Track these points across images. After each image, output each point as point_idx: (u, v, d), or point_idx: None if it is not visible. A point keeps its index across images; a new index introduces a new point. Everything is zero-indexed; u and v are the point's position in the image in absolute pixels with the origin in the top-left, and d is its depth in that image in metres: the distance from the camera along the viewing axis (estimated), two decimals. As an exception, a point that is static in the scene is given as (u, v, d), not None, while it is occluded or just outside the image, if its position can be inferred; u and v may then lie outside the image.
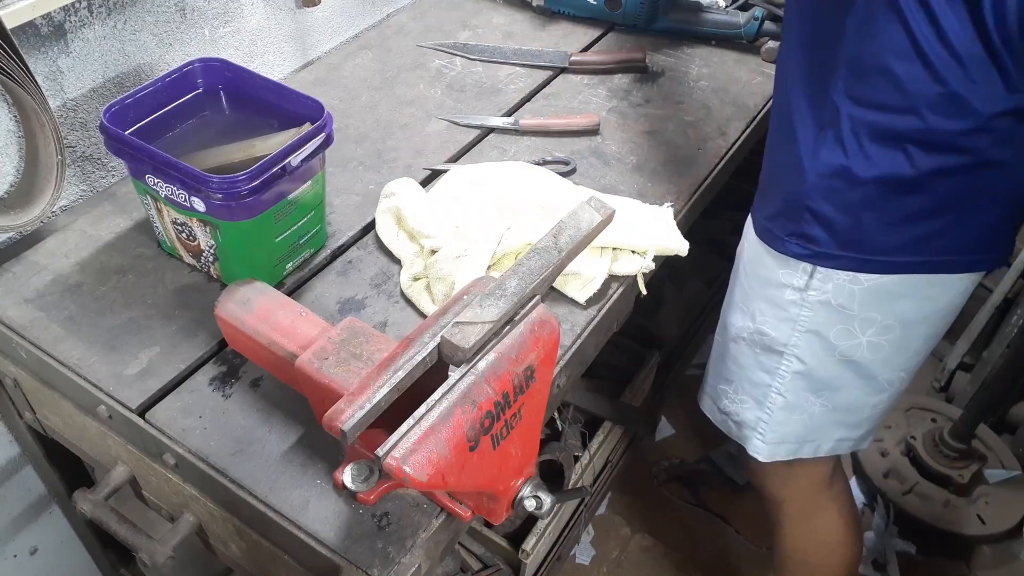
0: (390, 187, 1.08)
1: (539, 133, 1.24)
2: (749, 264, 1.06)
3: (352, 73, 1.35)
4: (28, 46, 0.98)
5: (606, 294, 1.00)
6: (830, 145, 0.90)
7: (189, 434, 0.83)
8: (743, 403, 1.14)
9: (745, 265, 1.07)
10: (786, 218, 0.97)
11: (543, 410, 0.77)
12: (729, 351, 1.13)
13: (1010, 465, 1.91)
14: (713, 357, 1.20)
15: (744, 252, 1.08)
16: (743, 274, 1.08)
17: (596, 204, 0.77)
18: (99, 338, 0.91)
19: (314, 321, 0.82)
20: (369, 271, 1.02)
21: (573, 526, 1.57)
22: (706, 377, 1.23)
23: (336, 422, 0.63)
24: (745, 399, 1.13)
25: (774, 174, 1.00)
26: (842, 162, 0.89)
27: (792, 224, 0.96)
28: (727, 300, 1.14)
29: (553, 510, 0.96)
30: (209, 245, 0.94)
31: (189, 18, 1.17)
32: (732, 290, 1.12)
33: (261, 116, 0.99)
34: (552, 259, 0.73)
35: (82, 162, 1.12)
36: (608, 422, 1.58)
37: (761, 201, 1.03)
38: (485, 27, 1.48)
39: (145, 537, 0.84)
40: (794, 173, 0.94)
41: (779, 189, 0.98)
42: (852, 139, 0.88)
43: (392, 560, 0.73)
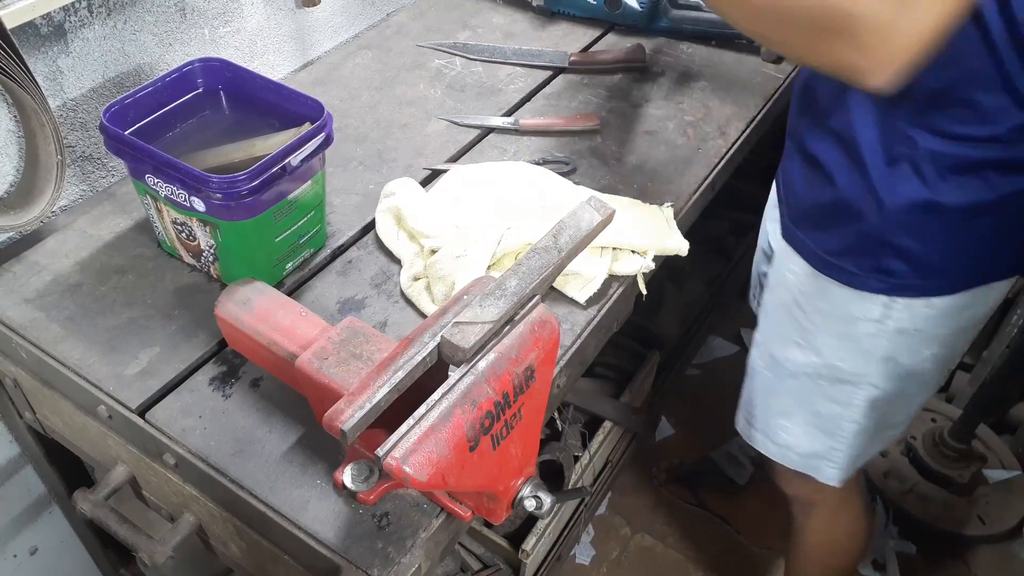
0: (390, 187, 1.08)
1: (539, 133, 1.24)
2: (806, 299, 1.02)
3: (352, 73, 1.35)
4: (28, 46, 0.98)
5: (606, 294, 1.00)
6: (907, 178, 0.86)
7: (189, 434, 0.83)
8: (809, 435, 1.11)
9: (799, 300, 1.03)
10: (860, 254, 0.94)
11: (543, 410, 0.77)
12: (785, 387, 1.10)
13: (1010, 465, 1.91)
14: (758, 391, 1.16)
15: (793, 285, 1.03)
16: (797, 309, 1.03)
17: (596, 204, 0.77)
18: (99, 338, 0.91)
19: (314, 321, 0.82)
20: (369, 271, 1.02)
21: (573, 526, 1.57)
22: (752, 412, 1.18)
23: (336, 422, 0.63)
24: (811, 431, 1.10)
25: (836, 208, 0.94)
26: (924, 195, 0.86)
27: (868, 260, 0.94)
28: (773, 335, 1.09)
29: (553, 510, 0.96)
30: (209, 245, 0.94)
31: (189, 18, 1.17)
32: (780, 324, 1.07)
33: (261, 116, 0.99)
34: (552, 259, 0.73)
35: (82, 162, 1.12)
36: (608, 422, 1.58)
37: (816, 235, 0.98)
38: (485, 27, 1.48)
39: (145, 537, 0.84)
40: (866, 208, 0.90)
41: (847, 224, 0.94)
42: (931, 171, 0.85)
43: (392, 560, 0.73)
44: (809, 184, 0.97)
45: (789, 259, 1.03)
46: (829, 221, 0.96)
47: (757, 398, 1.16)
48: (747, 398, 1.19)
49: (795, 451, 1.14)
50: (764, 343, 1.12)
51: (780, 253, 1.05)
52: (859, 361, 1.02)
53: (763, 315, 1.13)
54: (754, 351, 1.15)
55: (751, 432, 1.20)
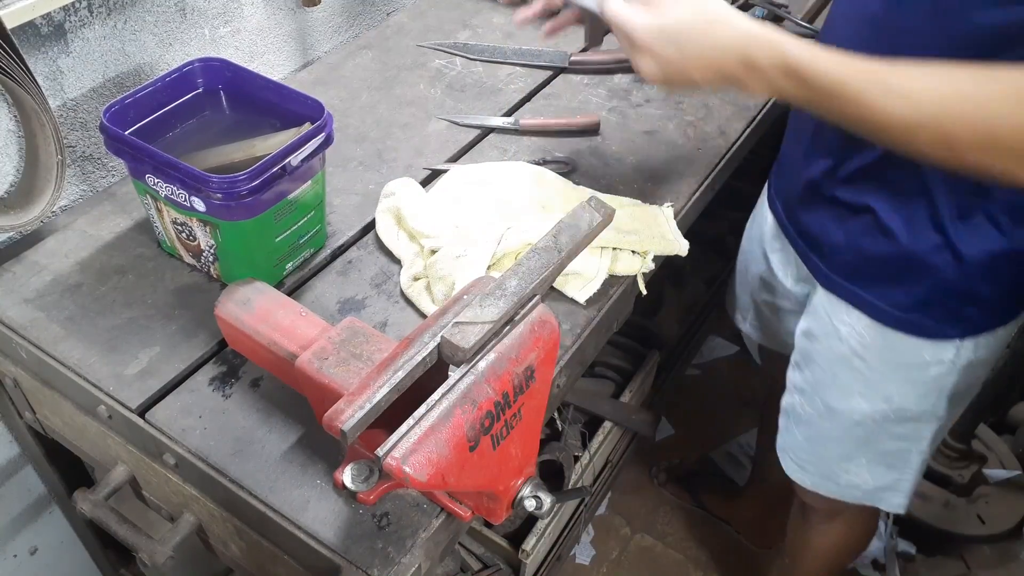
0: (390, 187, 1.08)
1: (539, 133, 1.24)
2: (869, 352, 1.00)
3: (352, 73, 1.35)
4: (28, 46, 0.98)
5: (606, 294, 1.00)
6: (984, 230, 0.86)
7: (189, 434, 0.83)
8: (874, 472, 1.10)
9: (859, 352, 1.01)
10: (934, 306, 0.93)
11: (543, 410, 0.77)
12: (848, 434, 1.08)
13: (1010, 465, 1.91)
14: (813, 439, 1.13)
15: (850, 338, 1.01)
16: (858, 360, 1.01)
17: (596, 204, 0.77)
18: (99, 338, 0.91)
19: (314, 321, 0.82)
20: (369, 271, 1.02)
21: (573, 526, 1.57)
22: (804, 458, 1.15)
23: (336, 422, 0.63)
24: (876, 468, 1.09)
25: (902, 264, 0.92)
26: (1002, 245, 0.86)
27: (943, 310, 0.93)
28: (828, 386, 1.07)
29: (553, 510, 0.96)
30: (209, 245, 0.94)
31: (189, 18, 1.17)
32: (836, 376, 1.05)
33: (261, 116, 0.99)
34: (552, 259, 0.73)
35: (82, 162, 1.12)
36: (608, 422, 1.58)
37: (878, 290, 0.96)
38: (485, 27, 1.48)
39: (145, 537, 0.84)
40: (941, 263, 0.89)
41: (917, 279, 0.92)
42: (1007, 220, 0.85)
43: (392, 560, 0.73)
44: (856, 237, 0.95)
45: (840, 311, 1.00)
46: (894, 276, 0.94)
47: (812, 446, 1.13)
48: (795, 444, 1.15)
49: (860, 489, 1.12)
50: (814, 392, 1.08)
51: (823, 305, 1.03)
52: (930, 400, 1.01)
53: (805, 364, 1.09)
54: (797, 397, 1.11)
55: (804, 476, 1.16)
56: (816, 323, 1.05)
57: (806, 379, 1.09)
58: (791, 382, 1.14)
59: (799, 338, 1.11)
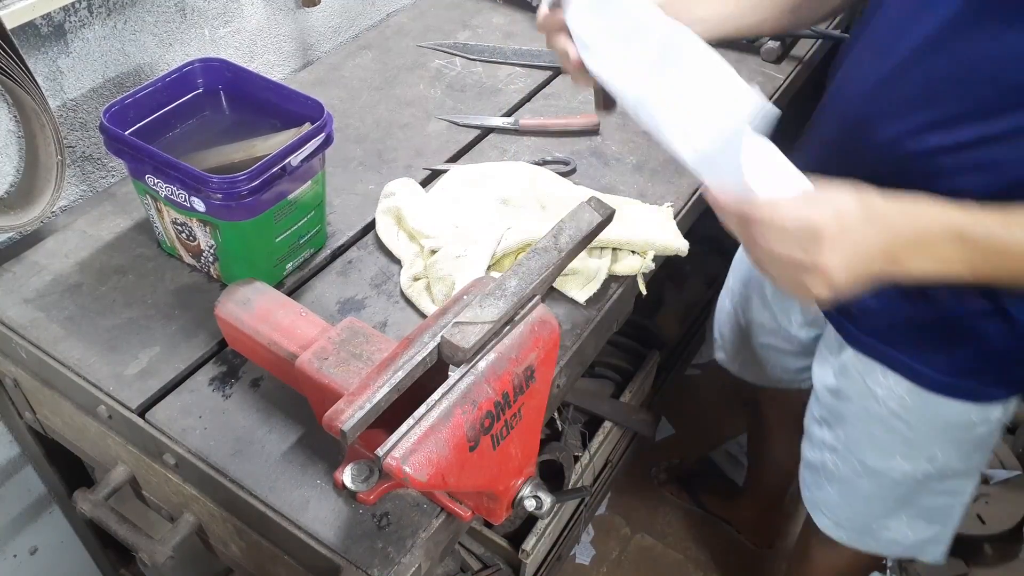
0: (390, 187, 1.08)
1: (539, 133, 1.24)
2: (911, 415, 0.97)
3: (352, 73, 1.35)
4: (28, 46, 0.98)
5: (606, 294, 1.00)
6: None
7: (189, 434, 0.83)
8: (916, 528, 1.08)
9: (900, 415, 0.97)
10: (983, 373, 0.91)
11: (543, 410, 0.77)
12: (891, 493, 1.05)
13: (1010, 465, 1.90)
14: (852, 498, 1.09)
15: (888, 400, 0.97)
16: (899, 422, 0.98)
17: (596, 204, 0.77)
18: (99, 338, 0.91)
19: (314, 321, 0.82)
20: (369, 271, 1.02)
21: (573, 526, 1.57)
22: (841, 515, 1.12)
23: (336, 422, 0.63)
24: (918, 523, 1.08)
25: (947, 330, 0.89)
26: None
27: (994, 375, 0.91)
28: (865, 446, 1.03)
29: (553, 510, 0.96)
30: (209, 245, 0.94)
31: (189, 18, 1.17)
32: (874, 436, 1.01)
33: (261, 116, 0.99)
34: (552, 259, 0.73)
35: (82, 162, 1.12)
36: (608, 422, 1.58)
37: (920, 354, 0.93)
38: (485, 27, 1.48)
39: (145, 537, 0.84)
40: (992, 329, 0.87)
41: (964, 345, 0.90)
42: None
43: (392, 560, 0.73)
44: (890, 300, 0.91)
45: (875, 372, 0.97)
46: (936, 341, 0.91)
47: (849, 504, 1.10)
48: (830, 501, 1.12)
49: (900, 544, 1.10)
50: (848, 452, 1.05)
51: (854, 365, 0.99)
52: (975, 457, 1.00)
53: (836, 422, 1.06)
54: (828, 455, 1.08)
55: (841, 533, 1.14)
56: (847, 383, 1.01)
57: (838, 438, 1.06)
58: (816, 437, 1.10)
59: (823, 393, 1.07)
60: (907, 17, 0.80)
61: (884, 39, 0.83)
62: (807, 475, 1.15)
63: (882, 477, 1.04)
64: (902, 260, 0.68)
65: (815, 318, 1.10)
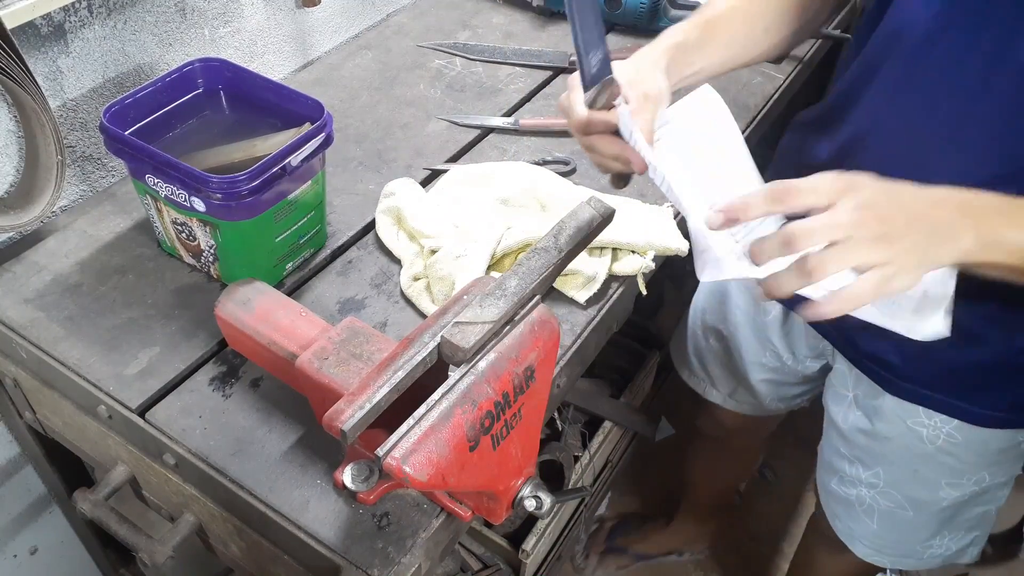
0: (390, 187, 1.08)
1: (539, 133, 1.24)
2: (961, 450, 0.96)
3: (352, 73, 1.35)
4: (28, 46, 0.98)
5: (606, 294, 1.00)
6: None
7: (189, 434, 0.83)
8: (956, 539, 1.08)
9: (947, 450, 0.96)
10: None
11: (543, 410, 0.77)
12: (935, 518, 1.05)
13: (1010, 465, 1.90)
14: (897, 528, 1.08)
15: (934, 440, 0.96)
16: (947, 456, 0.97)
17: (596, 204, 0.77)
18: (99, 338, 0.91)
19: (314, 321, 0.82)
20: (369, 271, 1.02)
21: (573, 526, 1.57)
22: (884, 544, 1.11)
23: (336, 422, 0.63)
24: (958, 534, 1.07)
25: (995, 370, 0.88)
26: None
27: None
28: (909, 482, 1.02)
29: (553, 510, 0.96)
30: (209, 245, 0.94)
31: (189, 18, 1.17)
32: (918, 471, 1.00)
33: (261, 116, 0.99)
34: (552, 259, 0.73)
35: (82, 162, 1.12)
36: (608, 422, 1.58)
37: (971, 395, 0.91)
38: (485, 27, 1.48)
39: (145, 537, 0.84)
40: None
41: (1015, 384, 0.88)
42: None
43: (392, 560, 0.73)
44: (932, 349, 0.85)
45: (917, 414, 0.96)
46: (988, 383, 0.89)
47: (892, 534, 1.09)
48: (870, 533, 1.10)
49: (942, 556, 1.10)
50: (890, 488, 1.04)
51: (892, 409, 0.97)
52: (1016, 467, 1.00)
53: (872, 461, 1.04)
54: (866, 491, 1.07)
55: (883, 558, 1.13)
56: (886, 426, 0.99)
57: (876, 476, 1.04)
58: (849, 474, 1.08)
59: (853, 434, 1.04)
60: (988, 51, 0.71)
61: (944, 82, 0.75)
62: (839, 509, 1.13)
63: (929, 507, 1.03)
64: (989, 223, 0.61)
65: (822, 350, 1.09)
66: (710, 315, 1.21)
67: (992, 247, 0.61)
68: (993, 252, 0.62)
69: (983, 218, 0.61)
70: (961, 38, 0.73)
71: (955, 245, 0.61)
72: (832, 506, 1.14)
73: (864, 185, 0.60)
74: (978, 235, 0.61)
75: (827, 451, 1.12)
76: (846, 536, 1.14)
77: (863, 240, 0.58)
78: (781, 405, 1.25)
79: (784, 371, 1.16)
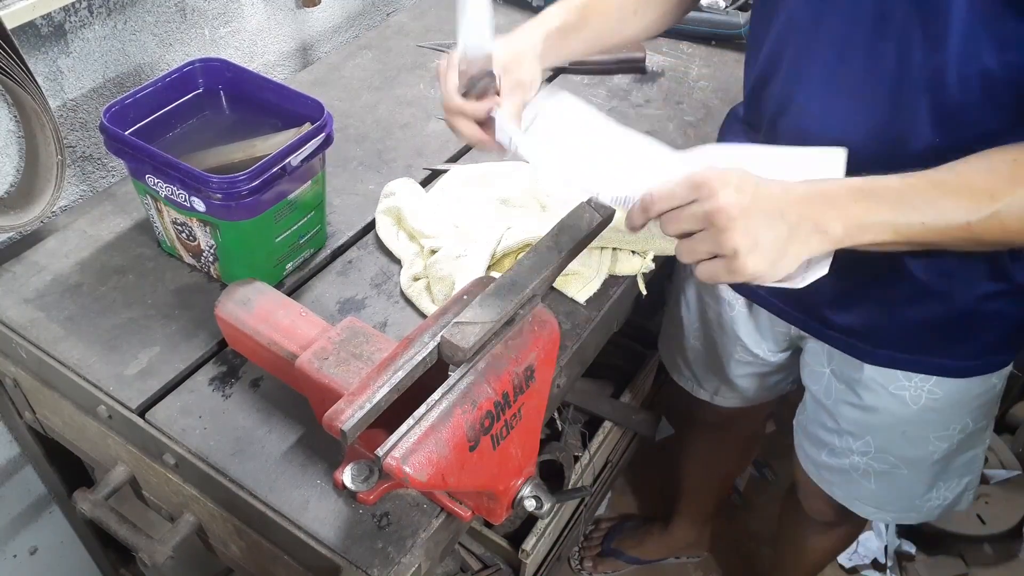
0: (390, 187, 1.08)
1: (539, 133, 1.24)
2: (943, 403, 0.98)
3: (352, 73, 1.35)
4: (28, 46, 0.98)
5: (606, 294, 1.00)
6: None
7: (189, 434, 0.83)
8: (950, 486, 1.09)
9: (932, 407, 0.98)
10: (1005, 343, 0.93)
11: (543, 410, 0.77)
12: (929, 471, 1.06)
13: (1010, 465, 1.90)
14: (893, 487, 1.10)
15: (916, 400, 0.98)
16: (931, 414, 0.99)
17: (596, 204, 0.77)
18: (99, 338, 0.91)
19: (314, 321, 0.82)
20: (369, 271, 1.02)
21: (573, 526, 1.57)
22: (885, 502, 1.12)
23: (336, 422, 0.63)
24: (952, 482, 1.09)
25: (965, 319, 0.90)
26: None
27: (1015, 342, 0.93)
28: (898, 443, 1.03)
29: (553, 510, 0.96)
30: (209, 245, 0.94)
31: (189, 18, 1.17)
32: (907, 433, 1.02)
33: (261, 116, 0.99)
34: (552, 259, 0.73)
35: (82, 162, 1.12)
36: (608, 422, 1.58)
37: (943, 349, 0.93)
38: (485, 27, 1.48)
39: (145, 537, 0.84)
40: (1005, 305, 0.88)
41: (983, 328, 0.91)
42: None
43: (392, 560, 0.73)
44: (897, 307, 0.91)
45: (897, 378, 0.98)
46: (957, 334, 0.92)
47: (890, 492, 1.11)
48: (869, 493, 1.12)
49: (941, 507, 1.12)
50: (882, 452, 1.06)
51: (873, 380, 0.99)
52: (994, 409, 1.02)
53: (861, 432, 1.05)
54: (859, 459, 1.08)
55: (886, 515, 1.15)
56: (870, 396, 1.01)
57: (867, 444, 1.06)
58: (836, 446, 1.09)
59: (837, 407, 1.06)
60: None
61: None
62: (835, 478, 1.14)
63: (921, 462, 1.05)
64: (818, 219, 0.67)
65: (790, 340, 1.10)
66: (688, 315, 1.22)
67: (859, 231, 0.68)
68: (862, 235, 0.68)
69: (845, 207, 0.68)
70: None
71: (824, 236, 0.67)
72: (827, 476, 1.15)
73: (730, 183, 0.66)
74: (845, 225, 0.67)
75: (812, 426, 1.13)
76: (846, 500, 1.16)
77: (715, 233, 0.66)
78: (766, 394, 1.26)
79: (759, 363, 1.17)
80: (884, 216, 0.68)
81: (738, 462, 1.60)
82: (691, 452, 1.61)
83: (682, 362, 1.32)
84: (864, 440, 1.06)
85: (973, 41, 0.70)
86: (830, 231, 0.67)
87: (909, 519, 1.14)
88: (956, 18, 0.70)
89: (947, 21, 0.70)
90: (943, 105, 0.75)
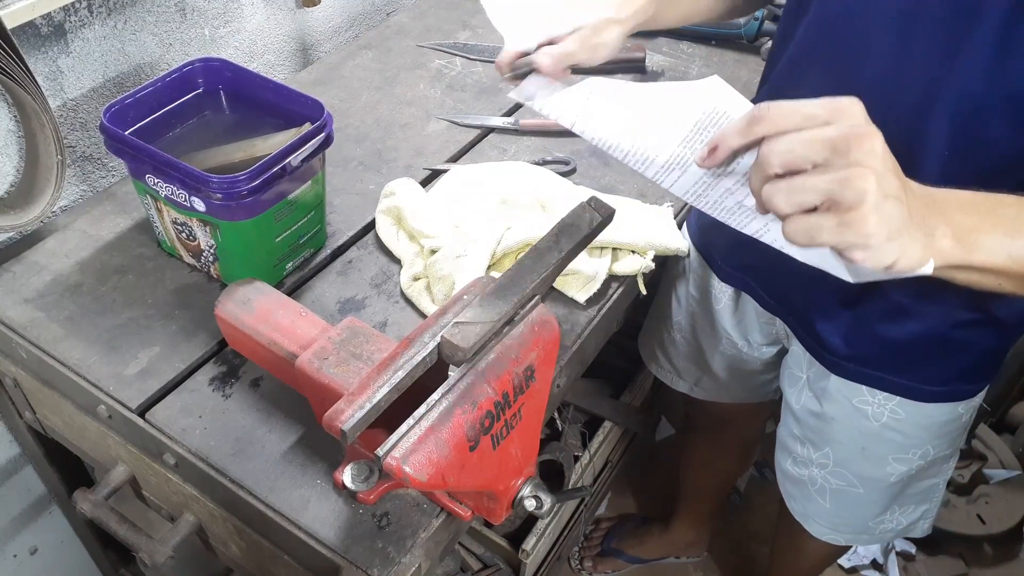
0: (390, 187, 1.08)
1: (539, 133, 1.24)
2: (906, 425, 0.98)
3: (352, 73, 1.35)
4: (28, 46, 0.98)
5: (606, 294, 1.00)
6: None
7: (189, 434, 0.83)
8: (906, 512, 1.10)
9: (892, 426, 0.98)
10: (974, 371, 0.93)
11: (543, 410, 0.77)
12: (885, 494, 1.07)
13: (1010, 465, 1.90)
14: (847, 506, 1.10)
15: (878, 416, 0.98)
16: (892, 432, 0.99)
17: (596, 204, 0.77)
18: (99, 338, 0.91)
19: (314, 321, 0.82)
20: (369, 271, 1.02)
21: (573, 526, 1.57)
22: (839, 522, 1.13)
23: (336, 422, 0.63)
24: (908, 508, 1.09)
25: (936, 343, 0.90)
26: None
27: (984, 371, 0.94)
28: (856, 459, 1.04)
29: (553, 510, 0.96)
30: (209, 245, 0.94)
31: (189, 18, 1.17)
32: (867, 449, 1.01)
33: (261, 116, 0.99)
34: (552, 259, 0.73)
35: (82, 162, 1.12)
36: (608, 422, 1.58)
37: (912, 370, 0.93)
38: (485, 27, 1.48)
39: (145, 537, 0.84)
40: (979, 334, 0.88)
41: (954, 354, 0.91)
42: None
43: (392, 560, 0.73)
44: (873, 325, 0.92)
45: (861, 393, 0.98)
46: (928, 357, 0.91)
47: (845, 511, 1.11)
48: (824, 512, 1.12)
49: (894, 531, 1.12)
50: (840, 467, 1.06)
51: (838, 389, 0.99)
52: (959, 440, 1.02)
53: (821, 442, 1.06)
54: (817, 471, 1.08)
55: (838, 536, 1.15)
56: (833, 406, 1.01)
57: (826, 456, 1.06)
58: (801, 455, 1.10)
59: (803, 414, 1.06)
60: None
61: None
62: (793, 489, 1.15)
63: (878, 483, 1.05)
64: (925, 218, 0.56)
65: (776, 335, 1.10)
66: (678, 309, 1.23)
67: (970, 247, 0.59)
68: (972, 254, 0.59)
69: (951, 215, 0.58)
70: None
71: (930, 241, 0.56)
72: (788, 487, 1.16)
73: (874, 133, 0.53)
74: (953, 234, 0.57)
75: (782, 432, 1.14)
76: (801, 516, 1.16)
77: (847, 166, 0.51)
78: (748, 394, 1.26)
79: (742, 358, 1.17)
80: (998, 237, 0.59)
81: (738, 464, 1.60)
82: (691, 454, 1.61)
83: (661, 354, 1.32)
84: (824, 452, 1.06)
85: (1001, 63, 0.68)
86: (936, 236, 0.57)
87: (861, 541, 1.16)
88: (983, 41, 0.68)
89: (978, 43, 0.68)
90: (963, 127, 0.72)
